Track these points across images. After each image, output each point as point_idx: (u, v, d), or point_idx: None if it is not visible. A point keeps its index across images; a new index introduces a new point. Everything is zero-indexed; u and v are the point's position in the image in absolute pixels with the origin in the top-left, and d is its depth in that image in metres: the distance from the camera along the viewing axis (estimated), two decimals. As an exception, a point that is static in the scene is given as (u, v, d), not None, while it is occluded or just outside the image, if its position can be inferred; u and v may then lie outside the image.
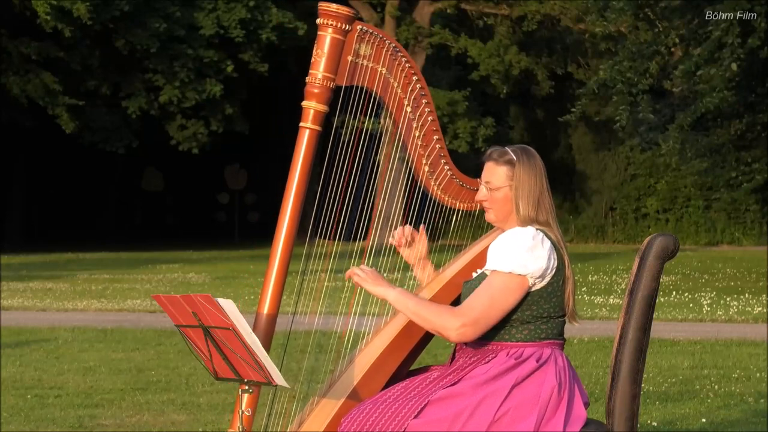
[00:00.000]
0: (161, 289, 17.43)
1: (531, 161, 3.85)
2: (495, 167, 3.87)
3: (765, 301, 14.94)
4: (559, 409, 3.73)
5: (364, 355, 3.97)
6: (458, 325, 3.71)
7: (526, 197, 3.82)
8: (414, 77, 4.03)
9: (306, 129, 3.93)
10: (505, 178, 3.84)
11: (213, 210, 42.30)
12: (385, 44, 3.99)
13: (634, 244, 32.83)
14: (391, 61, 4.01)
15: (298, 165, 3.92)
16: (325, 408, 3.89)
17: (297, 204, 3.91)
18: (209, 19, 29.68)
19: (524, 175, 3.82)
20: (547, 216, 3.84)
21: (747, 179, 21.30)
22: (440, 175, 4.11)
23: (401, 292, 3.81)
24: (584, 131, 36.62)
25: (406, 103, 4.04)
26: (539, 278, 3.76)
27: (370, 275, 3.83)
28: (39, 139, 34.46)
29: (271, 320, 3.87)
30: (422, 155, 4.08)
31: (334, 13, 3.92)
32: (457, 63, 35.08)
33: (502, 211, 3.88)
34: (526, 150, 3.89)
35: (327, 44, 3.94)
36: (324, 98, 3.94)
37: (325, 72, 3.94)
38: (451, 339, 3.75)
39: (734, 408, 7.41)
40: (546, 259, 3.76)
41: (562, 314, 3.87)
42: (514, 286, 3.74)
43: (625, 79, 18.63)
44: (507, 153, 3.86)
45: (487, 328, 3.75)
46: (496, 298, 3.73)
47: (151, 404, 7.61)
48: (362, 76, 3.98)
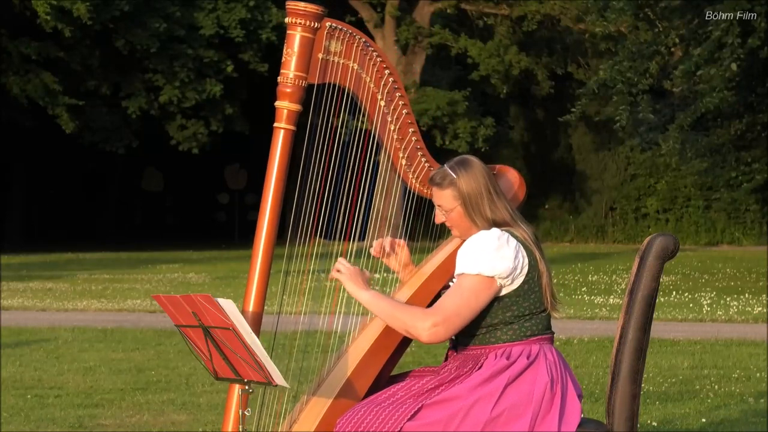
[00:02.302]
0: (161, 289, 17.42)
1: (469, 171, 3.88)
2: (440, 192, 3.92)
3: (765, 301, 14.94)
4: (553, 404, 3.76)
5: (351, 352, 3.99)
6: (429, 324, 3.74)
7: (476, 206, 3.87)
8: (386, 71, 4.04)
9: (281, 129, 3.95)
10: (452, 199, 3.90)
11: (213, 210, 42.30)
12: (356, 39, 4.00)
13: (634, 244, 32.82)
14: (362, 56, 4.02)
15: (274, 165, 3.95)
16: (315, 407, 3.90)
17: (276, 204, 3.94)
18: (209, 19, 29.68)
19: (467, 187, 3.87)
20: (504, 215, 3.87)
21: (747, 179, 21.29)
22: (418, 168, 4.13)
23: (374, 295, 3.85)
24: (584, 131, 36.60)
25: (379, 98, 4.06)
26: (507, 278, 3.80)
27: (350, 272, 3.87)
28: (39, 139, 34.45)
29: (257, 319, 3.88)
30: (399, 149, 4.10)
31: (302, 12, 3.93)
32: (457, 63, 35.08)
33: (462, 227, 3.94)
34: (462, 162, 3.92)
35: (297, 43, 3.95)
36: (297, 97, 3.95)
37: (297, 71, 3.95)
38: (423, 339, 3.78)
39: (734, 408, 7.41)
40: (512, 259, 3.79)
41: (543, 309, 3.90)
42: (483, 286, 3.78)
43: (625, 79, 18.62)
44: (446, 174, 3.90)
45: (458, 328, 3.78)
46: (466, 297, 3.76)
47: (151, 404, 7.61)
48: (334, 73, 3.99)
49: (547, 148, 38.36)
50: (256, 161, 38.60)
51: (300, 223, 3.97)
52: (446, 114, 30.53)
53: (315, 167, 4.00)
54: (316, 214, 4.00)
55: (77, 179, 41.65)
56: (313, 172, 3.99)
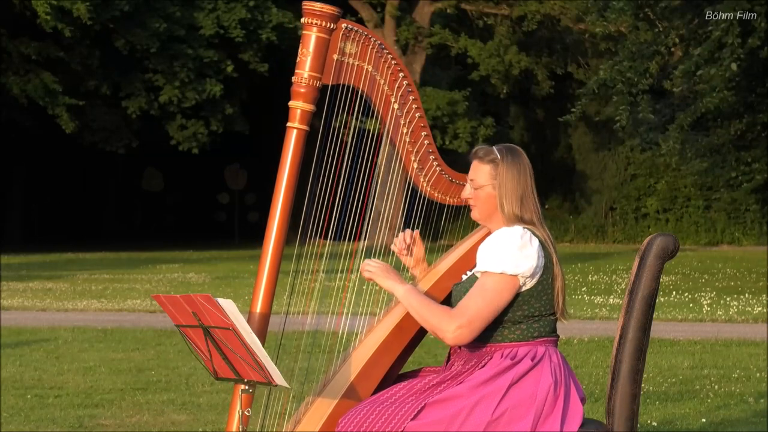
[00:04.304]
0: (161, 289, 17.42)
1: (515, 160, 3.88)
2: (479, 165, 3.90)
3: (765, 301, 14.93)
4: (555, 406, 3.75)
5: (357, 354, 3.98)
6: (454, 327, 3.73)
7: (509, 195, 3.85)
8: (400, 74, 4.04)
9: (293, 129, 3.95)
10: (489, 177, 3.88)
11: (213, 210, 42.29)
12: (371, 42, 4.00)
13: (634, 244, 32.82)
14: (377, 59, 4.01)
15: (286, 165, 3.94)
16: (320, 408, 3.89)
17: (287, 204, 3.93)
18: (209, 19, 29.68)
19: (508, 174, 3.85)
20: (531, 215, 3.86)
21: (747, 179, 21.30)
22: (429, 171, 4.12)
23: (409, 290, 3.86)
24: (584, 131, 36.61)
25: (393, 100, 4.05)
26: (530, 277, 3.78)
27: (382, 269, 3.87)
28: (39, 139, 34.45)
29: (264, 320, 3.87)
30: (411, 152, 4.09)
31: (318, 12, 3.92)
32: (457, 63, 35.08)
33: (485, 208, 3.91)
34: (511, 149, 3.92)
35: (312, 43, 3.95)
36: (310, 98, 3.95)
37: (311, 71, 3.94)
38: (447, 341, 3.78)
39: (734, 408, 7.41)
40: (535, 258, 3.78)
41: (552, 312, 3.89)
42: (506, 286, 3.76)
43: (625, 79, 18.62)
44: (492, 152, 3.90)
45: (481, 329, 3.77)
46: (489, 298, 3.75)
47: (151, 404, 7.61)
48: (348, 75, 3.99)
49: (547, 148, 38.36)
50: (256, 161, 38.69)
51: (309, 223, 3.97)
52: (446, 114, 30.52)
53: (326, 168, 3.99)
54: (327, 214, 3.99)
55: (77, 179, 41.64)
56: (324, 173, 3.99)
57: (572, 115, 20.58)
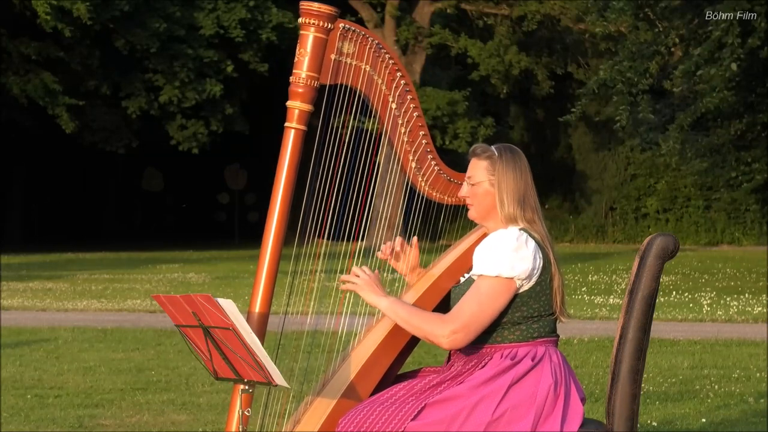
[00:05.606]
0: (161, 289, 17.42)
1: (513, 158, 3.87)
2: (477, 162, 3.89)
3: (765, 301, 14.93)
4: (556, 406, 3.74)
5: (356, 354, 3.97)
6: (448, 332, 3.72)
7: (508, 193, 3.83)
8: (398, 74, 4.03)
9: (291, 129, 3.94)
10: (486, 172, 3.86)
11: (213, 210, 42.29)
12: (368, 41, 3.99)
13: (634, 244, 32.82)
14: (375, 59, 4.01)
15: (284, 165, 3.94)
16: (320, 407, 3.89)
17: (285, 204, 3.93)
18: (209, 19, 29.68)
19: (505, 171, 3.84)
20: (532, 213, 3.85)
21: (747, 179, 21.29)
22: (427, 171, 4.12)
23: (393, 301, 3.83)
24: (584, 131, 36.61)
25: (390, 100, 4.04)
26: (526, 279, 3.77)
27: (366, 281, 3.84)
28: (39, 139, 34.46)
29: (264, 319, 3.87)
30: (409, 151, 4.09)
31: (315, 12, 3.92)
32: (457, 63, 35.07)
33: (482, 206, 3.88)
34: (509, 147, 3.91)
35: (310, 43, 3.94)
36: (308, 97, 3.94)
37: (309, 71, 3.94)
38: (443, 346, 3.77)
39: (734, 408, 7.41)
40: (531, 260, 3.77)
41: (552, 312, 3.87)
42: (502, 289, 3.75)
43: (625, 79, 18.62)
44: (489, 149, 3.89)
45: (477, 332, 3.75)
46: (485, 302, 3.74)
47: (151, 404, 7.61)
48: (346, 75, 3.98)
49: (547, 148, 38.36)
50: (256, 161, 38.69)
51: (307, 223, 3.96)
52: (446, 114, 30.52)
53: (324, 168, 3.99)
54: (326, 214, 3.99)
55: (77, 179, 41.64)
56: (322, 173, 3.98)
57: (572, 115, 20.58)
